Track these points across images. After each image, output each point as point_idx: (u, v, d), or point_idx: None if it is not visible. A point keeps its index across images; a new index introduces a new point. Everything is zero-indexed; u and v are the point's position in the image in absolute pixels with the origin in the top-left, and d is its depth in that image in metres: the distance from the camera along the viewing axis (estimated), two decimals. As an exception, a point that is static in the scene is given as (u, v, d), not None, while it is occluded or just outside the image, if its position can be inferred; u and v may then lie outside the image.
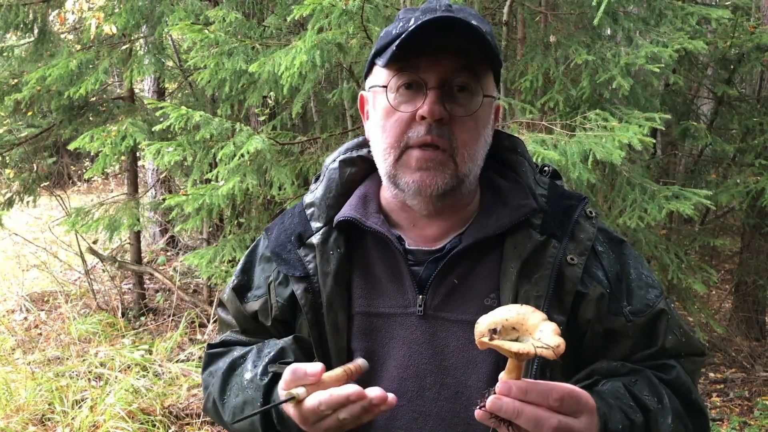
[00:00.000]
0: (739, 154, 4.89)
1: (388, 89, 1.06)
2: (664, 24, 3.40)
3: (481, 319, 0.89)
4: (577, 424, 0.87)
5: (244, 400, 1.11)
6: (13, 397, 3.96)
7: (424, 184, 1.05)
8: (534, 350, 0.82)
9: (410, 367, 1.09)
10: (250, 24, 4.19)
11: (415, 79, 1.04)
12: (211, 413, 1.23)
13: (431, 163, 1.04)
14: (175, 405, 4.08)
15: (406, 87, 1.05)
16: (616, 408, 0.96)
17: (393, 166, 1.07)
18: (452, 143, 1.04)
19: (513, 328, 0.88)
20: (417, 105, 1.03)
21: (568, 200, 1.15)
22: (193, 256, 4.00)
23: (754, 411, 4.31)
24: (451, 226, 1.13)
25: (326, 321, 1.11)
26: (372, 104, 1.12)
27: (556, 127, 3.11)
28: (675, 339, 1.12)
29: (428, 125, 1.03)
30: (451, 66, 1.03)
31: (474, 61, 1.04)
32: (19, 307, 6.07)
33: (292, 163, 3.81)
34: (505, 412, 0.84)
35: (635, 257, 1.17)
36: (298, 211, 1.21)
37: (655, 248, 3.66)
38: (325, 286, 1.11)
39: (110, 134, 4.46)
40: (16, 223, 7.45)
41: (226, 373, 1.18)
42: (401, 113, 1.05)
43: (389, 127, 1.06)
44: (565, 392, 0.86)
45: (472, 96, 1.05)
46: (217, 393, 1.18)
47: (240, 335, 1.26)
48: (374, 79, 1.11)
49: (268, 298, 1.19)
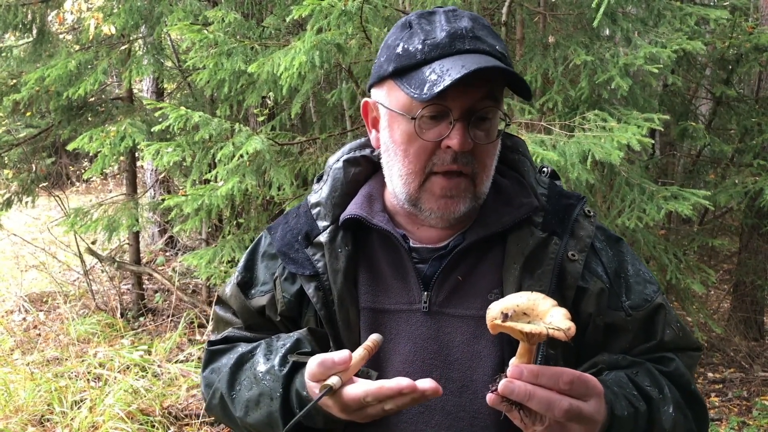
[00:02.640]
0: (738, 154, 4.90)
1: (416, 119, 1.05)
2: (663, 24, 3.40)
3: (493, 304, 0.91)
4: (587, 407, 0.88)
5: (260, 392, 1.11)
6: (12, 397, 3.96)
7: (448, 211, 1.09)
8: (546, 331, 0.83)
9: (416, 362, 1.10)
10: (249, 24, 4.19)
11: (442, 109, 1.04)
12: (217, 410, 1.22)
13: (455, 191, 1.07)
14: (175, 405, 4.08)
15: (431, 116, 1.05)
16: (620, 396, 0.99)
17: (417, 191, 1.09)
18: (474, 168, 1.07)
19: (524, 314, 0.90)
20: (441, 132, 1.05)
21: (568, 199, 1.18)
22: (192, 257, 4.00)
23: (753, 411, 4.32)
24: (455, 226, 1.15)
25: (338, 317, 1.13)
26: (388, 123, 1.11)
27: (554, 127, 3.12)
28: (673, 333, 1.15)
29: (454, 154, 1.05)
30: (476, 95, 1.04)
31: (497, 89, 1.07)
32: (18, 307, 6.07)
33: (291, 163, 3.81)
34: (517, 395, 0.85)
35: (632, 254, 1.20)
36: (304, 211, 1.22)
37: (653, 248, 3.67)
38: (335, 283, 1.13)
39: (109, 135, 4.45)
40: (14, 224, 7.44)
41: (234, 368, 1.18)
42: (425, 142, 1.06)
43: (413, 154, 1.07)
44: (575, 376, 0.88)
45: (492, 121, 1.08)
46: (225, 388, 1.18)
47: (244, 332, 1.27)
48: (392, 99, 1.09)
49: (274, 293, 1.20)
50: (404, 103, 1.06)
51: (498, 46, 1.06)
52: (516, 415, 0.88)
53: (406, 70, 1.06)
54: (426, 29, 1.06)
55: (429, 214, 1.10)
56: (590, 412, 0.89)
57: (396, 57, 1.07)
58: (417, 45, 1.05)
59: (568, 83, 3.48)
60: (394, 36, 1.10)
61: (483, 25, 1.08)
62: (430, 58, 1.03)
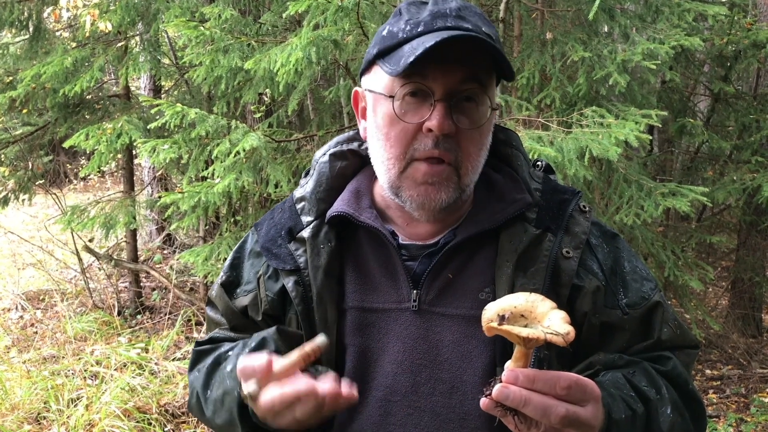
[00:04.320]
0: (736, 151, 4.89)
1: (394, 98, 1.03)
2: (661, 21, 3.39)
3: (489, 305, 0.87)
4: (584, 413, 0.86)
5: (224, 390, 1.09)
6: (8, 395, 3.95)
7: (428, 199, 1.04)
8: (544, 336, 0.80)
9: (405, 363, 1.07)
10: (245, 21, 4.17)
11: (422, 88, 1.01)
12: (195, 410, 1.21)
13: (437, 178, 1.03)
14: (172, 403, 4.06)
15: (411, 95, 1.02)
16: (618, 398, 0.96)
17: (398, 178, 1.05)
18: (457, 156, 1.03)
19: (521, 316, 0.86)
20: (423, 115, 1.01)
21: (562, 194, 1.14)
22: (190, 254, 3.98)
23: (751, 408, 4.32)
24: (446, 222, 1.12)
25: (316, 315, 1.10)
26: (372, 108, 1.09)
27: (552, 124, 3.11)
28: (670, 331, 1.12)
29: (435, 138, 1.01)
30: (459, 75, 1.00)
31: (482, 71, 1.03)
32: (15, 305, 6.05)
33: (288, 160, 3.80)
34: (512, 401, 0.82)
35: (628, 250, 1.17)
36: (288, 206, 1.19)
37: (651, 245, 3.66)
38: (315, 280, 1.10)
39: (106, 132, 4.44)
40: (11, 222, 7.43)
41: (211, 368, 1.17)
42: (406, 124, 1.02)
43: (394, 137, 1.04)
44: (572, 381, 0.85)
45: (478, 107, 1.03)
46: (201, 388, 1.16)
47: (229, 332, 1.24)
48: (375, 82, 1.07)
49: (257, 292, 1.18)
50: (385, 84, 1.04)
51: (484, 28, 1.02)
52: (510, 421, 0.85)
53: (388, 51, 1.03)
54: (412, 11, 1.04)
55: (410, 203, 1.06)
56: (587, 418, 0.86)
57: (381, 39, 1.06)
58: (401, 25, 1.03)
59: (565, 79, 3.47)
60: (385, 23, 1.09)
61: (473, 11, 1.04)
62: (411, 36, 1.01)
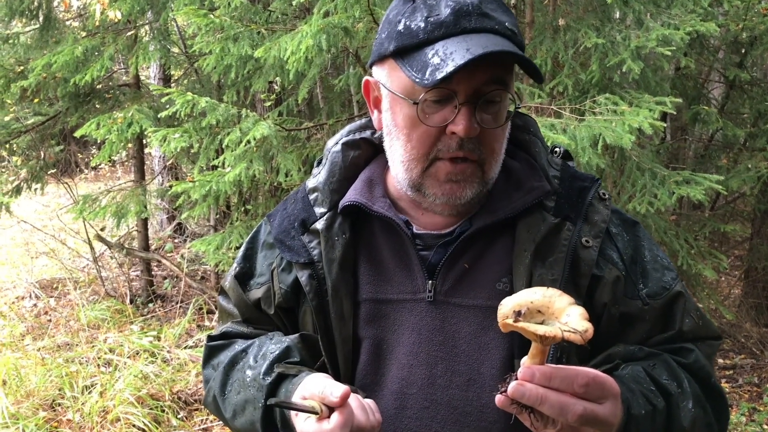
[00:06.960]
0: (751, 138, 4.82)
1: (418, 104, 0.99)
2: (675, 6, 3.34)
3: (505, 300, 0.86)
4: (602, 411, 0.84)
5: (245, 398, 1.08)
6: (23, 382, 3.99)
7: (453, 196, 1.03)
8: (561, 334, 0.78)
9: (420, 355, 1.06)
10: (255, 9, 4.15)
11: (447, 93, 0.98)
12: (212, 408, 1.21)
13: (461, 176, 1.02)
14: (184, 391, 4.10)
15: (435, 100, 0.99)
16: (638, 393, 0.94)
17: (420, 176, 1.03)
18: (481, 154, 1.01)
19: (538, 311, 0.84)
20: (446, 117, 0.98)
21: (581, 182, 1.11)
22: (201, 243, 4.00)
23: (764, 397, 4.30)
24: (462, 211, 1.09)
25: (331, 308, 1.08)
26: (389, 106, 1.05)
27: (565, 111, 3.07)
28: (692, 322, 1.09)
29: (460, 140, 0.99)
30: (483, 77, 0.97)
31: (506, 71, 1.00)
32: (29, 293, 6.11)
33: (298, 149, 3.79)
34: (528, 399, 0.80)
35: (649, 239, 1.14)
36: (301, 197, 1.17)
37: (664, 234, 3.63)
38: (330, 273, 1.08)
39: (116, 121, 4.44)
40: (24, 211, 7.48)
41: (228, 367, 1.15)
42: (429, 127, 0.99)
43: (416, 139, 1.01)
44: (590, 378, 0.83)
45: (502, 105, 1.01)
46: (218, 388, 1.15)
47: (241, 325, 1.23)
48: (393, 81, 1.02)
49: (271, 285, 1.16)
50: (406, 86, 1.00)
51: (507, 22, 0.99)
52: (526, 418, 0.84)
53: (407, 50, 0.99)
54: (429, 4, 0.98)
55: (433, 200, 1.04)
56: (605, 416, 0.84)
57: (397, 35, 1.00)
58: (419, 23, 0.98)
59: (578, 66, 3.42)
60: (396, 10, 1.03)
61: (493, 2, 1.00)
62: (433, 38, 0.96)
